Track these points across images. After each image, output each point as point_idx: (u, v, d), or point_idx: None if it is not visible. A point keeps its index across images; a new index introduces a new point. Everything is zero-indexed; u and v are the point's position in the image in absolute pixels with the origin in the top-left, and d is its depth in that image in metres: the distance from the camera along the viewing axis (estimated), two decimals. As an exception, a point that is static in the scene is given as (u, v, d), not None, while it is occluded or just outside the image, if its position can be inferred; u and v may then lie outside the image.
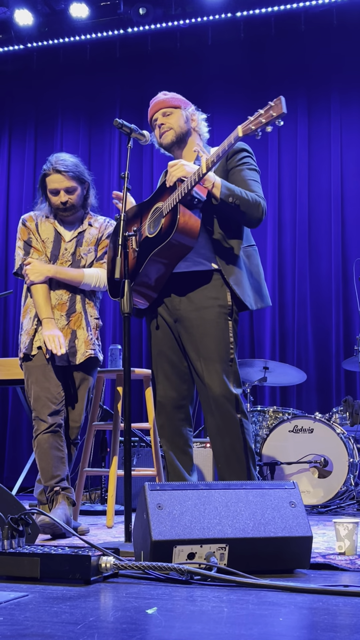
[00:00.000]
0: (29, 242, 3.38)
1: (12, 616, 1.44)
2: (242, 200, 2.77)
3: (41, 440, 3.16)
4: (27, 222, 3.41)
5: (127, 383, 2.60)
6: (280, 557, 2.05)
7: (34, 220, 3.42)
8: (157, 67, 6.92)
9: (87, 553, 1.88)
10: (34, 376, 3.24)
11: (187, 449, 2.98)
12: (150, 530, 1.96)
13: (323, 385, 6.21)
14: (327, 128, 6.53)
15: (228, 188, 2.77)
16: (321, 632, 1.33)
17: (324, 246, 6.39)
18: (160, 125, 3.02)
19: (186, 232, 2.74)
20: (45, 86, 7.33)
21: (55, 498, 3.11)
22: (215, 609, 1.52)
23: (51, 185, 3.33)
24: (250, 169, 2.93)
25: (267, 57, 6.75)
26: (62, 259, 3.35)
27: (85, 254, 3.38)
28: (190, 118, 3.03)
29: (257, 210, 2.82)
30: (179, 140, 3.01)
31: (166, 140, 3.02)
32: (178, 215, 2.71)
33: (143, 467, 4.31)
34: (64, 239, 3.38)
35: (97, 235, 3.43)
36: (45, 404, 3.18)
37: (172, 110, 3.02)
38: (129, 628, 1.35)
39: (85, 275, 3.32)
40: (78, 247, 3.38)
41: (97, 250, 3.42)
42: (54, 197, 3.34)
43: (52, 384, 3.21)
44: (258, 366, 5.10)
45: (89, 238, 3.41)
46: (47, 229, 3.39)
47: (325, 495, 4.45)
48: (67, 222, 3.41)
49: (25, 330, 3.33)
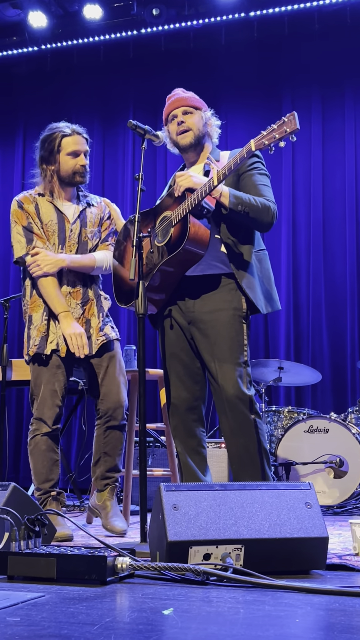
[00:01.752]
0: (30, 229, 3.19)
1: (29, 617, 1.45)
2: (251, 207, 2.77)
3: (39, 441, 3.08)
4: (24, 205, 3.22)
5: (142, 384, 2.61)
6: (296, 558, 2.05)
7: (32, 202, 3.23)
8: (171, 68, 6.92)
9: (103, 554, 1.88)
10: (43, 378, 3.12)
11: (200, 450, 2.98)
12: (166, 531, 1.96)
13: (338, 385, 6.19)
14: (342, 128, 6.51)
15: (236, 196, 2.76)
16: (338, 633, 1.33)
17: (339, 247, 6.37)
18: (180, 122, 2.99)
19: (197, 241, 2.76)
20: (59, 88, 7.35)
21: (49, 502, 3.09)
22: (231, 610, 1.52)
23: (72, 147, 3.19)
24: (261, 174, 2.93)
25: (280, 56, 6.74)
26: (69, 242, 3.21)
27: (91, 237, 3.26)
28: (207, 122, 3.03)
29: (267, 215, 2.82)
30: (197, 142, 3.00)
31: (185, 141, 2.99)
32: (189, 225, 2.73)
33: (158, 467, 4.31)
34: (67, 220, 3.23)
35: (99, 214, 3.32)
36: (51, 407, 3.09)
37: (193, 110, 3.01)
38: (145, 629, 1.35)
39: (97, 260, 3.22)
40: (83, 228, 3.25)
41: (100, 232, 3.32)
42: (73, 160, 3.20)
43: (59, 387, 3.12)
44: (273, 366, 5.09)
45: (92, 218, 3.29)
46: (48, 209, 3.21)
47: (341, 496, 4.43)
48: (66, 198, 3.26)
49: (35, 326, 3.16)
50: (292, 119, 2.50)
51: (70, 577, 1.86)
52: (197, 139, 2.99)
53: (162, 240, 2.88)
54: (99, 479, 3.22)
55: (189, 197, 2.77)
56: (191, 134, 2.98)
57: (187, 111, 3.00)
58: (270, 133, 2.55)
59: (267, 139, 2.55)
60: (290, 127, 2.50)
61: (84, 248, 3.25)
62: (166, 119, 3.08)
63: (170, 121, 3.04)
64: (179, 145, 3.03)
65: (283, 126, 2.52)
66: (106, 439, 3.20)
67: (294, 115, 2.50)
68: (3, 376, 4.13)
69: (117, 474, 3.24)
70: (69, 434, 6.67)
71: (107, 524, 3.06)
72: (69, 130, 3.22)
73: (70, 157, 3.21)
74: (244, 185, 2.89)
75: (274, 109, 6.56)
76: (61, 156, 3.21)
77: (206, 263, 2.88)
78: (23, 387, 5.42)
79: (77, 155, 3.22)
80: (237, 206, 2.75)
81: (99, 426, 3.22)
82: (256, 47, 6.77)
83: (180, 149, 3.05)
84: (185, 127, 2.98)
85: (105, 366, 3.21)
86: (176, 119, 3.01)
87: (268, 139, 2.55)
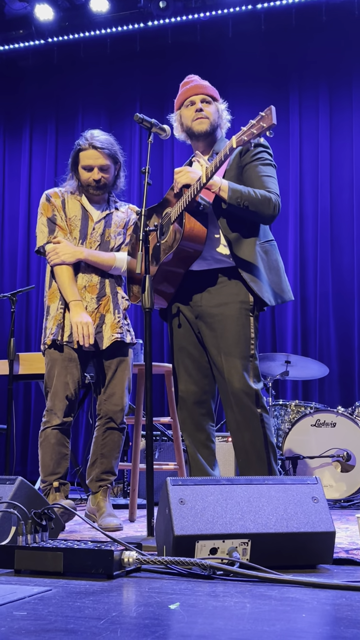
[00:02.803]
0: (54, 220, 3.27)
1: (35, 611, 1.45)
2: (251, 200, 2.75)
3: (49, 434, 3.13)
4: (52, 198, 3.30)
5: (148, 377, 2.60)
6: (302, 552, 2.05)
7: (59, 197, 3.31)
8: (178, 61, 6.90)
9: (110, 548, 1.88)
10: (57, 369, 3.16)
11: (209, 444, 2.98)
12: (173, 525, 1.96)
13: (346, 379, 6.17)
14: (349, 119, 6.48)
15: (234, 190, 2.74)
16: (344, 628, 1.32)
17: (347, 239, 6.34)
18: (198, 109, 2.95)
19: (192, 238, 2.76)
20: (65, 81, 7.35)
21: (52, 492, 3.12)
22: (237, 605, 1.52)
23: (86, 162, 3.24)
24: (265, 164, 2.88)
25: (288, 48, 6.71)
26: (91, 239, 3.26)
27: (114, 236, 3.30)
28: (222, 114, 3.01)
29: (268, 208, 2.78)
30: (211, 132, 2.97)
31: (200, 127, 2.95)
32: (184, 222, 2.73)
33: (165, 462, 4.31)
34: (91, 218, 3.29)
35: (125, 218, 3.37)
36: (62, 400, 3.13)
37: (211, 100, 2.98)
38: (151, 623, 1.35)
39: (117, 259, 3.24)
40: (107, 228, 3.29)
41: (125, 234, 3.35)
42: (87, 174, 3.25)
43: (72, 380, 3.16)
44: (280, 360, 5.08)
45: (117, 221, 3.33)
46: (74, 206, 3.29)
47: (348, 490, 4.43)
48: (94, 201, 3.33)
49: (51, 316, 3.21)
50: (269, 114, 2.45)
51: (77, 571, 1.86)
52: (213, 128, 2.97)
53: (163, 237, 2.89)
54: (94, 481, 3.26)
55: (185, 193, 2.76)
56: (207, 122, 2.95)
57: (206, 100, 2.98)
58: (249, 129, 2.52)
59: (247, 135, 2.53)
60: (267, 123, 2.46)
61: (105, 247, 3.28)
62: (181, 104, 3.02)
63: (186, 106, 2.99)
64: (193, 130, 2.97)
65: (260, 121, 2.49)
66: (104, 440, 3.23)
67: (271, 109, 2.45)
68: (10, 370, 4.13)
69: (113, 477, 3.27)
70: (76, 428, 6.68)
71: (102, 523, 3.09)
72: (87, 144, 3.25)
73: (85, 171, 3.27)
74: (247, 176, 2.86)
75: (282, 100, 6.54)
76: (79, 168, 3.29)
77: (212, 258, 2.87)
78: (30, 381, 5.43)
79: (91, 170, 3.25)
80: (236, 200, 2.73)
81: (99, 427, 3.26)
82: (263, 39, 6.74)
83: (192, 136, 2.99)
84: (204, 115, 2.94)
85: (114, 369, 3.24)
86: (194, 105, 2.96)
87: (247, 134, 2.52)
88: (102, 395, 3.24)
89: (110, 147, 3.26)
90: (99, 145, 3.22)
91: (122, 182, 3.37)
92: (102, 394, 3.24)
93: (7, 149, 7.54)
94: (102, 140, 3.25)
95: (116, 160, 3.29)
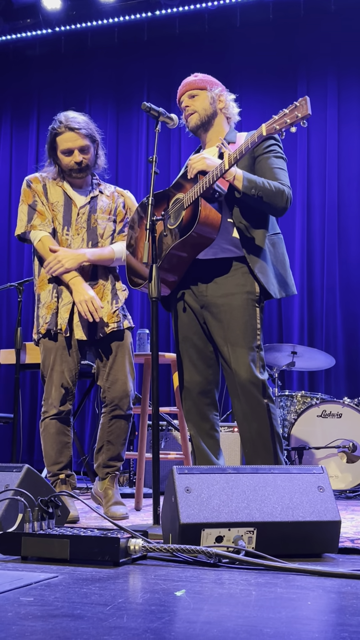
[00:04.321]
0: (34, 206, 3.20)
1: (42, 597, 1.46)
2: (265, 191, 2.75)
3: (48, 424, 3.13)
4: (32, 184, 3.23)
5: (155, 367, 2.61)
6: (308, 541, 2.05)
7: (40, 182, 3.24)
8: (185, 50, 6.87)
9: (116, 535, 1.89)
10: (52, 358, 3.14)
11: (213, 433, 2.98)
12: (179, 513, 1.97)
13: (352, 370, 6.17)
14: (358, 110, 6.44)
15: (249, 180, 2.74)
16: (349, 616, 1.33)
17: (354, 230, 6.32)
18: (185, 107, 3.01)
19: (207, 225, 2.75)
20: (73, 70, 7.33)
21: (58, 484, 3.12)
22: (243, 592, 1.53)
23: (64, 145, 3.17)
24: (277, 157, 2.89)
25: (296, 38, 6.67)
26: (77, 225, 3.21)
27: (101, 222, 3.25)
28: (217, 99, 2.99)
29: (281, 200, 2.78)
30: (204, 123, 2.98)
31: (190, 125, 3.00)
32: (200, 208, 2.72)
33: (171, 451, 4.32)
34: (75, 204, 3.23)
35: (111, 205, 3.31)
36: (58, 389, 3.12)
37: (197, 92, 2.99)
38: (157, 610, 1.36)
39: (116, 252, 3.22)
40: (92, 213, 3.24)
41: (116, 222, 3.32)
42: (67, 158, 3.18)
43: (67, 369, 3.14)
44: (286, 351, 5.08)
45: (102, 206, 3.28)
46: (56, 192, 3.23)
47: (354, 480, 4.43)
48: (77, 186, 3.27)
49: (43, 304, 3.17)
50: (304, 104, 2.46)
51: (83, 558, 1.87)
52: (202, 119, 2.98)
53: (174, 223, 2.87)
54: (101, 467, 3.25)
55: (201, 179, 2.76)
56: (196, 116, 2.98)
57: (192, 94, 3.00)
58: (281, 118, 2.52)
59: (279, 123, 2.53)
60: (302, 112, 2.46)
61: (93, 233, 3.24)
62: (180, 108, 3.08)
63: (182, 109, 3.06)
64: (188, 129, 3.04)
65: (295, 111, 2.49)
66: (111, 427, 3.22)
67: (306, 100, 2.46)
68: (17, 359, 4.14)
69: (119, 463, 3.26)
70: (82, 417, 6.70)
71: (108, 511, 3.09)
72: (63, 127, 3.17)
73: (65, 155, 3.20)
74: (260, 168, 2.87)
75: (290, 91, 6.51)
76: (58, 154, 3.22)
77: (219, 246, 2.87)
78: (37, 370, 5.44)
79: (71, 153, 3.19)
80: (250, 190, 2.73)
81: (105, 414, 3.24)
82: (271, 29, 6.70)
83: (193, 133, 3.05)
84: (190, 111, 3.00)
85: (114, 355, 3.22)
86: (182, 104, 3.03)
87: (279, 123, 2.53)
88: (105, 382, 3.22)
89: (86, 127, 3.19)
90: (75, 126, 3.15)
91: (103, 161, 3.31)
92: (105, 382, 3.22)
93: (15, 137, 7.53)
94: (79, 121, 3.18)
95: (94, 139, 3.23)
